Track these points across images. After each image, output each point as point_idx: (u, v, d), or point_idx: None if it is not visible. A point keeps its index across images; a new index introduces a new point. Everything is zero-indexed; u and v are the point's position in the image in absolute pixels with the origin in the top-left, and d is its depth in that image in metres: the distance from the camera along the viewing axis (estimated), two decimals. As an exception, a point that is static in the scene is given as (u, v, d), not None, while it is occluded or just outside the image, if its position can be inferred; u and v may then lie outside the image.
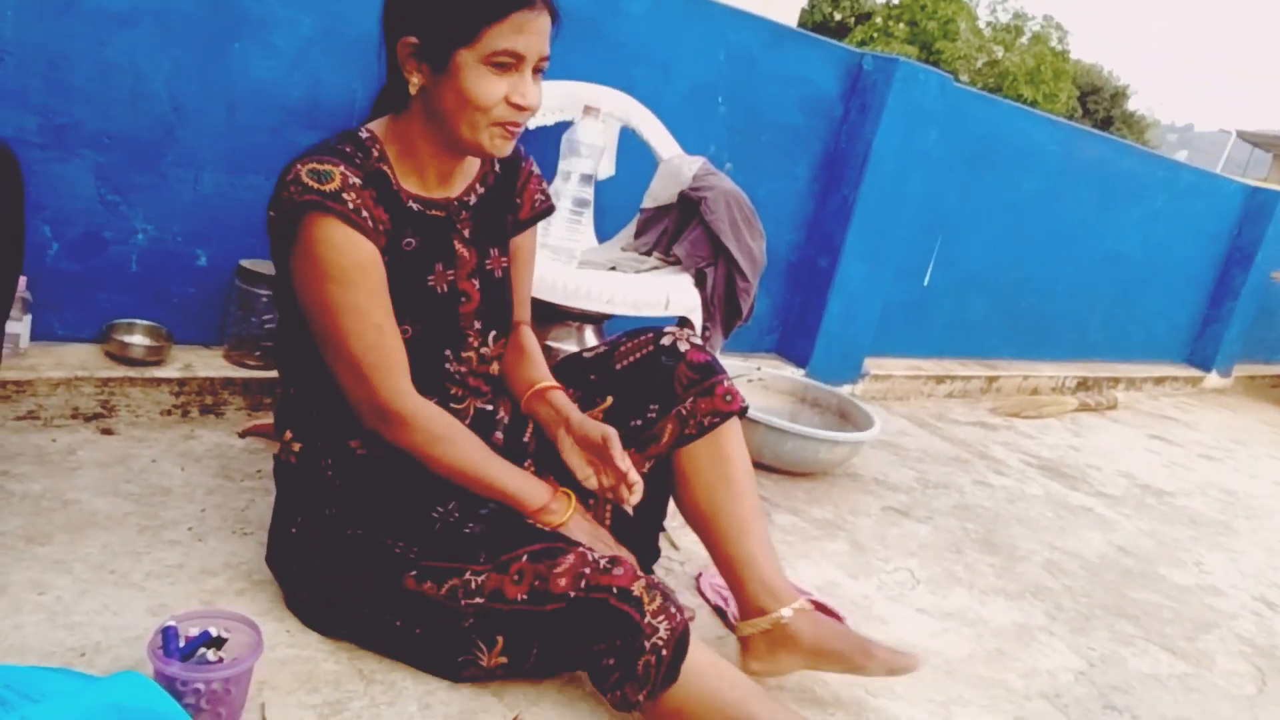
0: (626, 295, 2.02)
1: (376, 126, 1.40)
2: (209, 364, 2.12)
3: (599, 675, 1.32)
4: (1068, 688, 1.86)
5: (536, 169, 1.60)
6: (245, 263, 2.13)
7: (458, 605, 1.32)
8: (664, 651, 1.26)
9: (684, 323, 2.05)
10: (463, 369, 1.49)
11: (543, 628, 1.29)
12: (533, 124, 2.43)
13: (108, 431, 1.93)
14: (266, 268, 2.14)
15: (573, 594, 1.27)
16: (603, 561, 1.31)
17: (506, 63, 1.28)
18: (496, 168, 1.53)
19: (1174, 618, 2.32)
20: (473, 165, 1.49)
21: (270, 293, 2.11)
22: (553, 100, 2.43)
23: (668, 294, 2.06)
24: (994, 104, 3.94)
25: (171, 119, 2.01)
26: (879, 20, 21.50)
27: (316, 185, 1.27)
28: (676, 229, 2.18)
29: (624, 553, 1.47)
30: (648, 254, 2.26)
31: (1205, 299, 5.60)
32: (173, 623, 1.23)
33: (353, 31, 2.16)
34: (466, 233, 1.47)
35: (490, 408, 1.54)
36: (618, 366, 1.59)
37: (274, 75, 2.10)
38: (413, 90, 1.33)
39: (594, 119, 2.21)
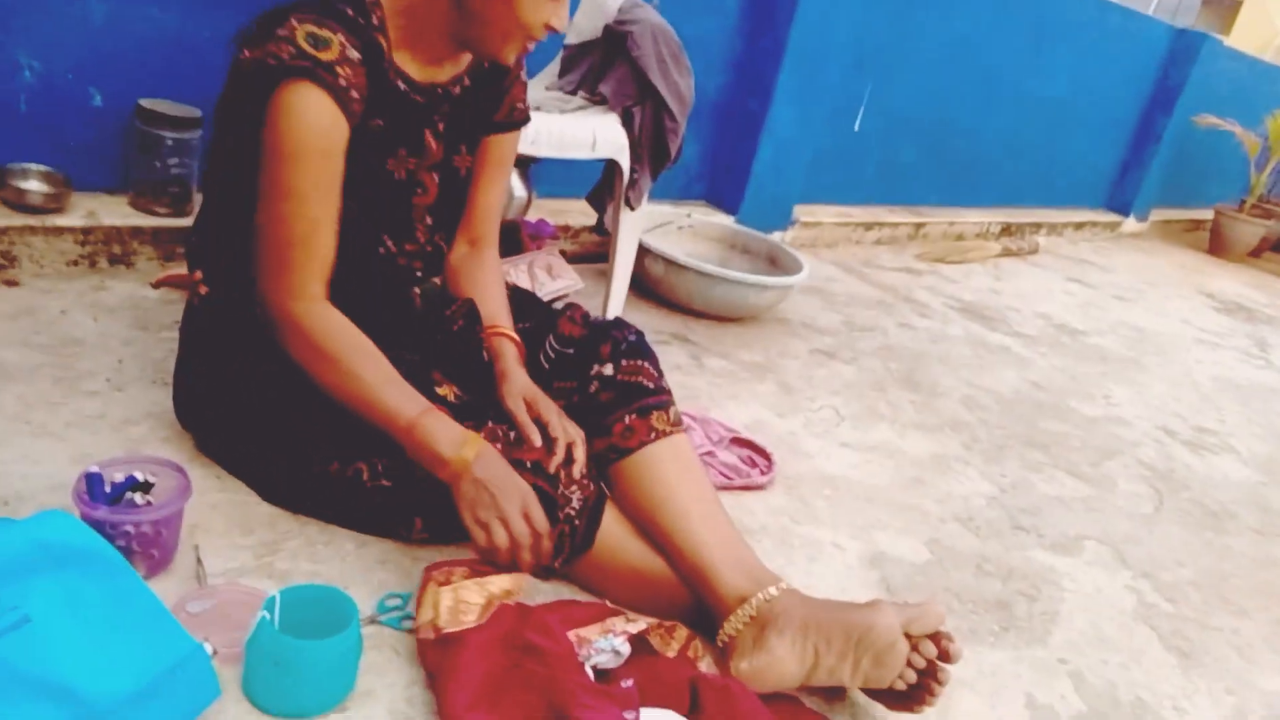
0: (552, 136, 1.96)
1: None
2: (114, 211, 2.02)
3: None
4: (979, 511, 1.97)
5: (525, 76, 1.53)
6: (145, 102, 2.00)
7: (366, 486, 1.32)
8: (577, 521, 1.30)
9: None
10: (400, 259, 1.44)
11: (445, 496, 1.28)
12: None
13: (11, 283, 1.85)
14: (168, 108, 2.02)
15: None
16: (513, 435, 1.32)
17: None
18: (486, 63, 1.44)
19: (1081, 446, 2.44)
20: (466, 54, 1.40)
21: (174, 136, 2.01)
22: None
23: (594, 134, 2.00)
24: (927, -61, 3.82)
25: (49, -59, 1.85)
26: None
27: (312, 51, 1.18)
28: (602, 66, 2.10)
29: (540, 524, 1.28)
30: (573, 93, 2.18)
31: (1127, 143, 5.67)
32: (96, 468, 1.21)
33: None
34: (440, 126, 1.40)
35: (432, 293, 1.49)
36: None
37: (160, -107, 1.93)
38: None
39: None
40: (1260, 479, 2.54)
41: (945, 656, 1.21)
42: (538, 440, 1.32)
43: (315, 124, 1.20)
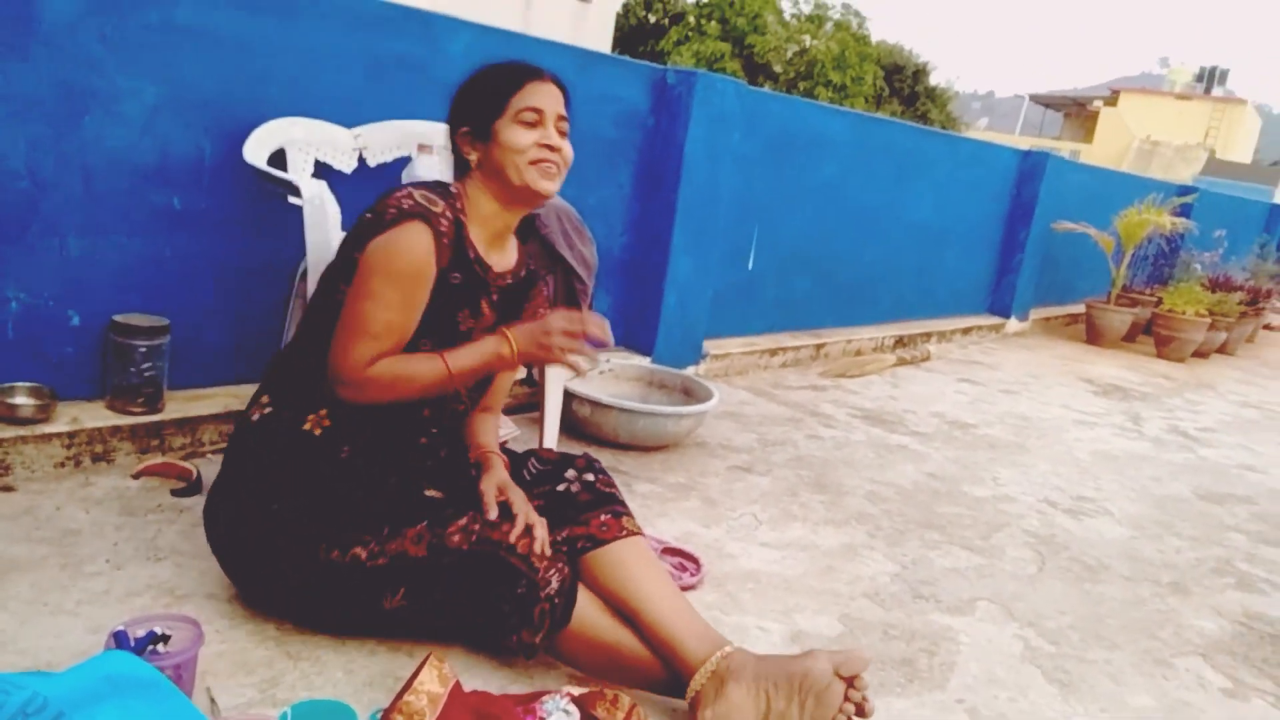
0: (479, 307, 2.29)
1: (458, 185, 1.74)
2: (94, 415, 2.27)
3: (498, 621, 1.59)
4: (884, 587, 2.26)
5: (549, 291, 1.97)
6: (118, 317, 2.28)
7: (365, 566, 1.58)
8: (556, 599, 1.57)
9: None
10: (450, 399, 1.77)
11: (442, 577, 1.57)
12: (372, 161, 2.66)
13: (8, 489, 2.07)
14: (139, 320, 2.30)
15: (465, 547, 1.56)
16: (490, 520, 1.60)
17: (531, 119, 1.66)
18: (524, 272, 1.85)
19: (972, 523, 2.77)
20: (513, 253, 1.83)
21: (146, 344, 2.28)
22: (388, 139, 2.68)
23: (515, 302, 2.34)
24: (787, 102, 4.39)
25: (33, 192, 2.16)
26: (691, 19, 22.29)
27: (426, 204, 1.60)
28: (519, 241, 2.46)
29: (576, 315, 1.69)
30: (493, 269, 2.53)
31: (997, 253, 6.29)
32: (122, 627, 1.43)
33: (195, 95, 2.35)
34: (495, 298, 1.77)
35: (437, 431, 1.80)
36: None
37: (125, 142, 2.27)
38: (473, 165, 1.71)
39: (429, 155, 2.47)
40: (1132, 534, 2.89)
41: (862, 711, 1.48)
42: (494, 514, 1.63)
43: (418, 252, 1.58)
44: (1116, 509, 3.10)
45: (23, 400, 2.17)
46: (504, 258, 1.80)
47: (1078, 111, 44.56)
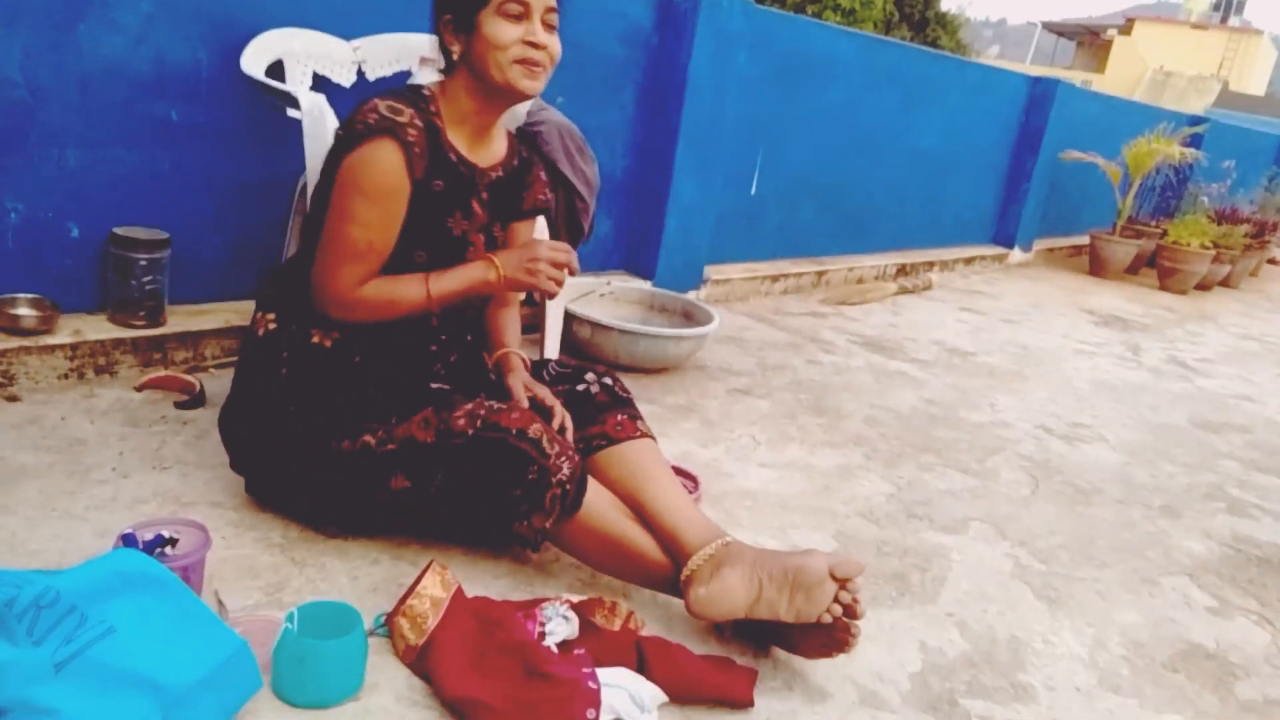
0: (480, 224, 2.28)
1: (434, 86, 1.70)
2: (96, 328, 2.28)
3: (508, 507, 1.59)
4: (879, 506, 2.29)
5: (545, 175, 1.92)
6: (118, 230, 2.27)
7: (374, 452, 1.61)
8: (568, 485, 1.58)
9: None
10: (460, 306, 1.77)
11: (449, 462, 1.58)
12: (372, 75, 2.63)
13: (13, 398, 2.08)
14: (139, 233, 2.29)
15: (470, 431, 1.58)
16: (496, 405, 1.61)
17: (517, 12, 1.59)
18: (516, 161, 1.82)
19: (969, 447, 2.80)
20: (500, 145, 1.79)
21: (146, 257, 2.28)
22: (388, 52, 2.63)
23: (516, 219, 2.32)
24: (795, 22, 4.30)
25: (29, 101, 2.13)
26: (698, -61, 21.69)
27: (391, 116, 1.57)
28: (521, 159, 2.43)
29: (514, 401, 1.72)
30: (495, 187, 2.51)
31: (1003, 182, 6.23)
32: (130, 530, 1.46)
33: (191, 3, 2.30)
34: (485, 195, 1.75)
35: (447, 337, 1.81)
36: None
37: (121, 52, 2.23)
38: (455, 57, 1.65)
39: (430, 68, 2.43)
40: (1125, 460, 2.92)
41: (852, 612, 1.50)
42: (524, 402, 1.70)
43: (386, 166, 1.57)
44: (1112, 436, 3.13)
45: (25, 311, 2.18)
46: (490, 152, 1.77)
47: (1091, 40, 43.65)
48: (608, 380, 1.89)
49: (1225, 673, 1.83)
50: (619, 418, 1.80)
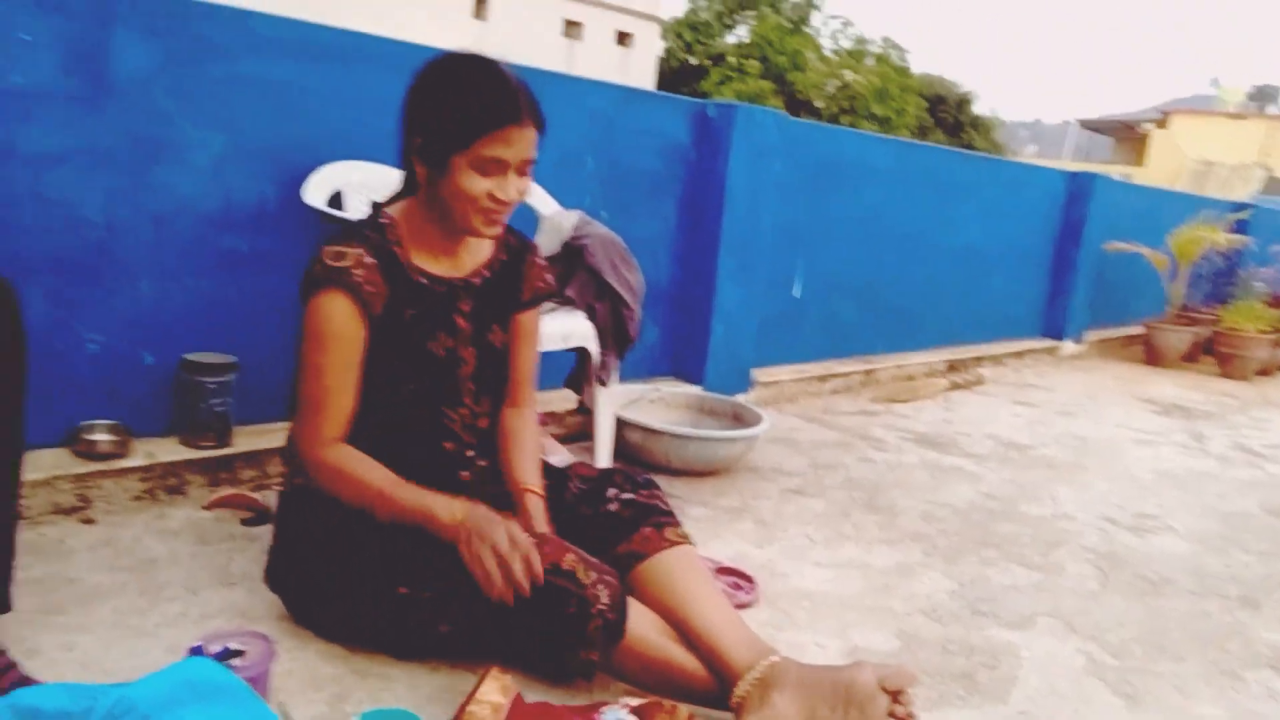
0: (531, 336, 2.36)
1: (396, 210, 1.72)
2: (168, 450, 2.37)
3: (553, 643, 1.59)
4: (942, 604, 2.25)
5: (542, 259, 1.92)
6: (188, 356, 2.39)
7: (411, 599, 1.62)
8: (609, 614, 1.57)
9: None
10: (457, 421, 1.79)
11: (487, 604, 1.55)
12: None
13: (88, 521, 2.16)
14: (208, 358, 2.40)
15: None
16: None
17: (492, 169, 1.58)
18: (504, 255, 1.83)
19: (1031, 541, 2.74)
20: (482, 249, 1.80)
21: (215, 381, 2.38)
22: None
23: (565, 329, 2.40)
24: (828, 131, 4.45)
25: (107, 239, 2.28)
26: (732, 60, 22.56)
27: (331, 263, 1.61)
28: (565, 275, 2.53)
29: (523, 543, 1.56)
30: (544, 300, 2.61)
31: (1048, 275, 6.23)
32: (199, 643, 1.50)
33: (257, 145, 2.47)
34: (466, 309, 1.77)
35: (472, 454, 1.83)
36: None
37: (194, 190, 2.39)
38: (420, 179, 1.66)
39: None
40: (1196, 549, 2.83)
41: None
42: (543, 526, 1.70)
43: (331, 315, 1.61)
44: (1180, 525, 3.05)
45: (101, 437, 2.28)
46: (470, 259, 1.78)
47: (1127, 135, 43.95)
48: (628, 494, 1.82)
49: (1320, 768, 1.74)
50: (645, 531, 1.74)
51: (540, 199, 2.84)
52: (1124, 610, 2.33)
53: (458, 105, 1.57)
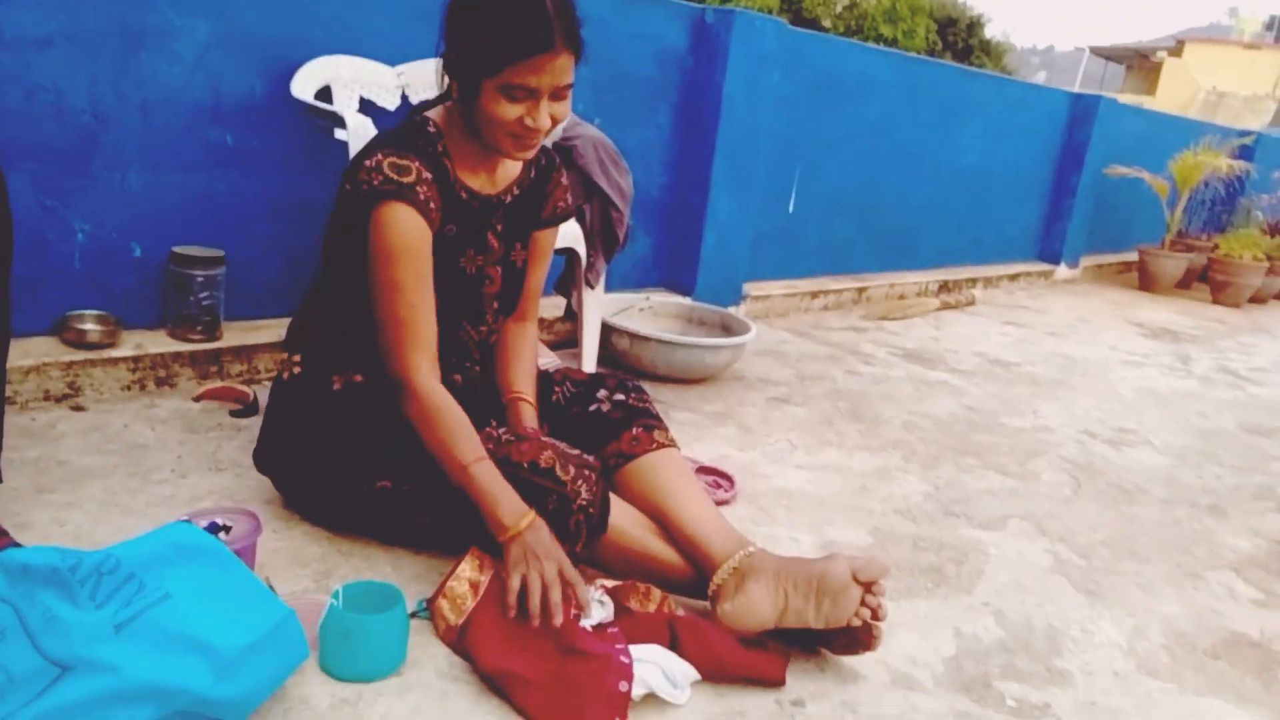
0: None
1: (437, 115, 1.67)
2: (157, 342, 2.39)
3: None
4: (917, 505, 2.30)
5: (565, 180, 1.89)
6: (177, 249, 2.39)
7: (393, 492, 1.67)
8: (590, 509, 1.59)
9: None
10: (475, 338, 1.82)
11: (466, 498, 1.56)
12: (415, 99, 2.73)
13: (78, 408, 2.19)
14: (197, 251, 2.41)
15: None
16: (505, 435, 1.63)
17: (521, 95, 1.51)
18: (533, 173, 1.80)
19: (1009, 450, 2.79)
20: (515, 165, 1.76)
21: (204, 274, 2.39)
22: (431, 77, 2.73)
23: (553, 230, 2.40)
24: (829, 42, 4.37)
25: (94, 127, 2.26)
26: (739, -25, 21.99)
27: (396, 177, 1.54)
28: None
29: (573, 578, 1.52)
30: (533, 201, 2.60)
31: (1047, 199, 6.19)
32: (186, 517, 1.54)
33: (246, 33, 2.43)
34: (500, 227, 1.76)
35: (469, 363, 1.85)
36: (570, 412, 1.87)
37: (180, 79, 2.36)
38: (454, 94, 1.61)
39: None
40: (1172, 463, 2.89)
41: (875, 616, 1.50)
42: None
43: (404, 229, 1.55)
44: (1158, 440, 3.09)
45: (90, 326, 2.30)
46: (504, 174, 1.75)
47: (1140, 64, 43.09)
48: (619, 395, 1.84)
49: (1270, 660, 1.80)
50: (634, 431, 1.77)
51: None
52: (1095, 515, 2.38)
53: (488, 28, 1.49)
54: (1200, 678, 1.71)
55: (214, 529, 1.55)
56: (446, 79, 1.63)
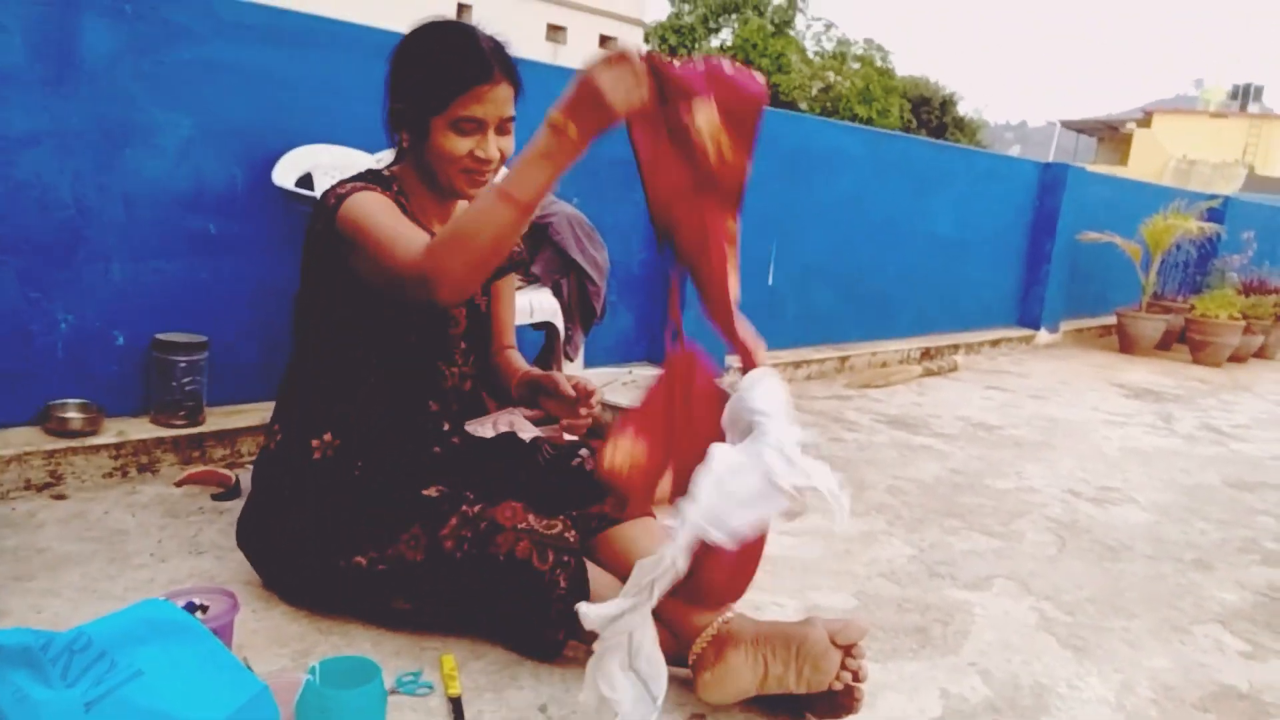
0: (497, 312, 2.40)
1: (396, 169, 1.76)
2: (139, 429, 2.40)
3: (514, 623, 1.64)
4: (901, 567, 2.30)
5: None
6: (160, 336, 2.42)
7: (368, 572, 1.66)
8: (570, 598, 1.59)
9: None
10: (449, 381, 1.85)
11: (445, 582, 1.61)
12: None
13: (60, 496, 2.19)
14: (179, 337, 2.44)
15: (459, 555, 1.61)
16: (483, 525, 1.62)
17: (469, 128, 1.62)
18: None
19: (993, 512, 2.79)
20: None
21: (186, 359, 2.41)
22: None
23: (531, 304, 2.44)
24: (799, 120, 4.50)
25: (78, 220, 2.31)
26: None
27: (369, 179, 1.67)
28: (530, 252, 2.57)
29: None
30: (512, 279, 2.65)
31: (1023, 265, 6.30)
32: (163, 596, 1.53)
33: (226, 126, 2.50)
34: None
35: (449, 426, 1.87)
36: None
37: (163, 172, 2.43)
38: (404, 144, 1.70)
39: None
40: (1156, 519, 2.89)
41: (855, 679, 1.50)
42: (570, 390, 1.82)
43: (375, 198, 1.61)
44: (1143, 498, 3.10)
45: (73, 415, 2.31)
46: None
47: (1111, 135, 44.28)
48: None
49: (1259, 711, 1.79)
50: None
51: (509, 182, 2.88)
52: (1080, 573, 2.38)
53: (431, 68, 1.62)
54: (1190, 730, 1.69)
55: (191, 608, 1.54)
56: (399, 138, 1.72)
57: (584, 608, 1.31)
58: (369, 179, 1.70)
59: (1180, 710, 1.76)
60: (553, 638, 1.62)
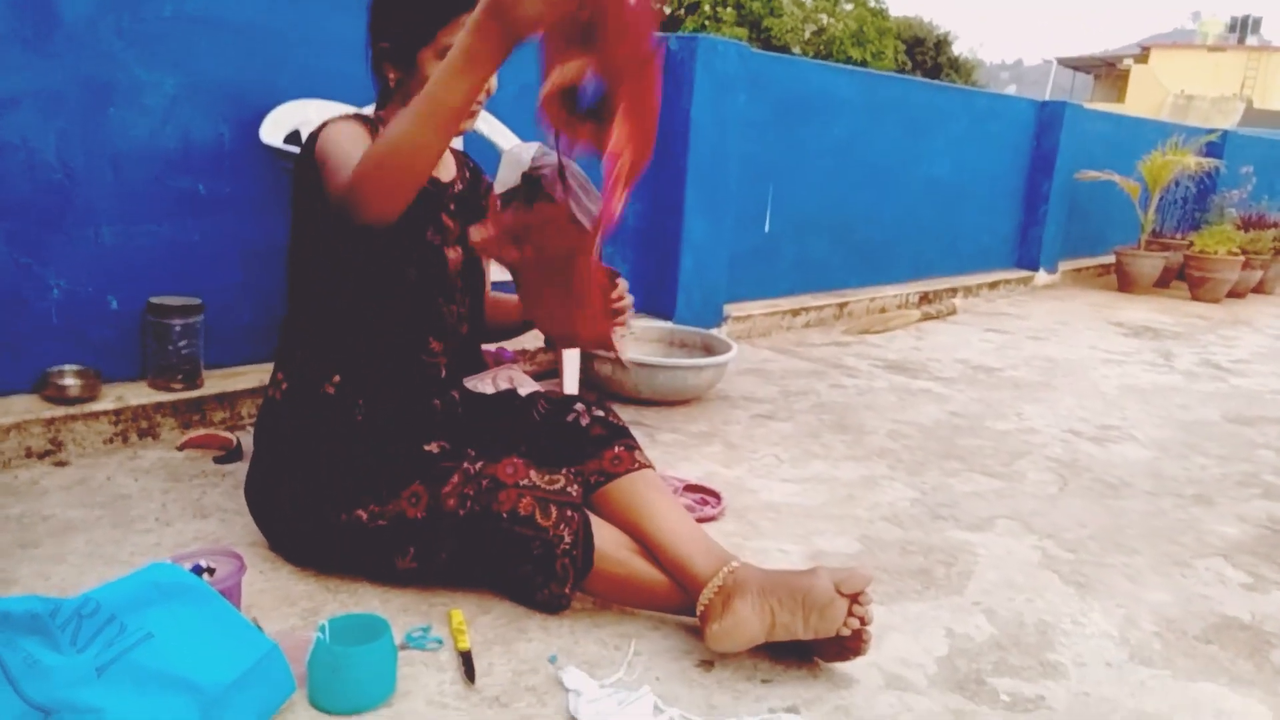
0: (495, 265, 2.37)
1: (383, 112, 1.75)
2: (138, 393, 2.39)
3: (521, 580, 1.65)
4: (904, 510, 2.31)
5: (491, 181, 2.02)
6: (154, 299, 2.40)
7: (368, 528, 1.66)
8: (575, 552, 1.61)
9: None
10: (450, 319, 1.85)
11: (447, 539, 1.62)
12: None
13: (61, 463, 2.19)
14: (174, 300, 2.42)
15: (461, 513, 1.61)
16: (485, 483, 1.62)
17: None
18: (467, 173, 1.92)
19: (994, 453, 2.80)
20: (449, 164, 1.87)
21: (181, 322, 2.40)
22: (400, 117, 2.77)
23: (527, 259, 2.42)
24: (792, 63, 4.43)
25: (66, 184, 2.28)
26: (706, 8, 22.29)
27: (355, 115, 1.70)
28: (525, 205, 2.54)
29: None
30: (507, 233, 2.62)
31: (1021, 206, 6.26)
32: (170, 559, 1.54)
33: (212, 83, 2.46)
34: (452, 208, 1.84)
35: (447, 376, 1.87)
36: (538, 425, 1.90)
37: (149, 131, 2.39)
38: (391, 84, 1.70)
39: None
40: (1156, 455, 2.90)
41: (861, 623, 1.51)
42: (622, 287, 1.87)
43: (354, 131, 1.62)
44: (1142, 434, 3.11)
45: (70, 381, 2.30)
46: (445, 168, 1.86)
47: (1108, 72, 43.76)
48: (599, 411, 1.87)
49: (1261, 641, 1.81)
50: (616, 450, 1.79)
51: (500, 133, 2.84)
52: (1082, 511, 2.39)
53: (414, 2, 1.63)
54: (1192, 663, 1.71)
55: (198, 571, 1.55)
56: (384, 80, 1.71)
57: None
58: (356, 121, 1.69)
59: (1183, 642, 1.78)
60: (559, 591, 1.63)
